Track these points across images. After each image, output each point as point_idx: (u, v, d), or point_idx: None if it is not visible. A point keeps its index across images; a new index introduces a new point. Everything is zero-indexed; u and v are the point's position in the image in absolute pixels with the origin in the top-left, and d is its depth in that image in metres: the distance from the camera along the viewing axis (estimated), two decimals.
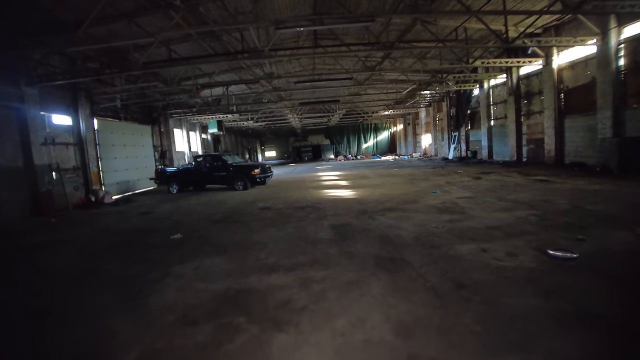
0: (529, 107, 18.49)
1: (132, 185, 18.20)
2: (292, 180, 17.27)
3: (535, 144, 18.06)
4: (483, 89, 22.27)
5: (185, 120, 26.78)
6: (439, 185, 11.14)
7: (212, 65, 17.69)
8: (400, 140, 43.13)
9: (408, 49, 17.71)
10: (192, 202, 11.60)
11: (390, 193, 10.12)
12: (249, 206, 9.67)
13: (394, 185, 12.09)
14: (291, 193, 11.86)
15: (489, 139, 22.13)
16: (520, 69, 18.77)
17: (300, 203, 9.43)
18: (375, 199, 9.19)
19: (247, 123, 32.55)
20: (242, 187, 13.85)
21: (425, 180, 13.02)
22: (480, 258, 4.26)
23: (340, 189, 12.05)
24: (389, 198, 9.19)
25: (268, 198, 11.06)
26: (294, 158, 53.53)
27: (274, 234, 6.12)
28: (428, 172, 16.08)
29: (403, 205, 8.06)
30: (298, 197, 10.62)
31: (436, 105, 30.62)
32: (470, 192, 9.30)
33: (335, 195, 10.51)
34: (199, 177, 14.99)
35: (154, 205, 11.99)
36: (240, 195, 12.29)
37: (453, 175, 13.96)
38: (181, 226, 7.67)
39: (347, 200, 9.34)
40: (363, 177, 16.09)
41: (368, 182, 13.44)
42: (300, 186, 14.01)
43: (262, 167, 14.25)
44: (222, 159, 14.56)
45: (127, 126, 18.58)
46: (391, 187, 11.44)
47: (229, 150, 37.86)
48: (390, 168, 21.14)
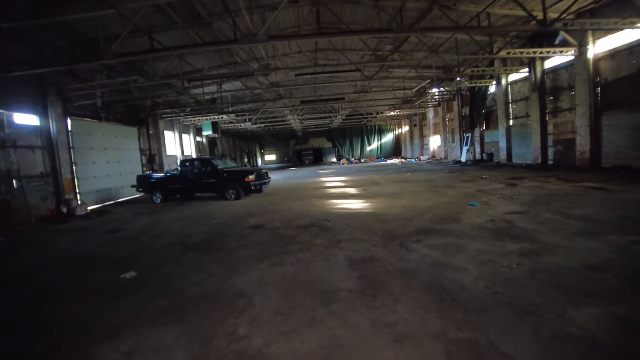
0: (555, 104, 16.57)
1: (115, 193, 16.28)
2: (293, 187, 15.33)
3: (563, 145, 16.14)
4: (500, 85, 20.38)
5: (177, 121, 24.92)
6: (470, 195, 9.19)
7: (203, 59, 15.82)
8: (406, 142, 41.21)
9: (423, 39, 15.91)
10: (173, 216, 9.66)
11: (414, 205, 8.17)
12: (239, 223, 7.73)
13: (415, 194, 10.14)
14: (291, 204, 9.92)
15: (507, 140, 20.22)
16: (545, 62, 16.92)
17: (302, 219, 7.48)
18: (399, 214, 7.25)
19: (245, 125, 30.65)
20: (234, 196, 11.92)
21: (449, 187, 11.08)
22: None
23: (351, 199, 10.10)
24: (417, 213, 7.24)
25: (263, 211, 9.12)
26: (295, 162, 51.71)
27: (264, 277, 4.15)
28: (447, 178, 14.14)
29: (440, 224, 6.11)
30: (300, 211, 8.68)
31: (446, 104, 28.73)
32: (518, 205, 7.36)
33: (346, 208, 8.55)
34: (185, 185, 13.06)
35: (129, 219, 10.06)
36: (231, 207, 10.34)
37: (480, 182, 12.01)
38: (145, 254, 5.74)
39: (363, 216, 7.39)
40: (373, 183, 14.14)
41: (382, 190, 11.50)
42: (302, 195, 12.07)
43: (257, 172, 12.32)
44: (211, 163, 12.63)
45: (109, 127, 16.69)
46: (413, 197, 9.49)
47: (225, 154, 35.97)
48: (401, 172, 19.19)
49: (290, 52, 17.94)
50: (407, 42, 16.89)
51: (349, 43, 17.40)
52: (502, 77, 20.16)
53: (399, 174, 17.78)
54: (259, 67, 13.37)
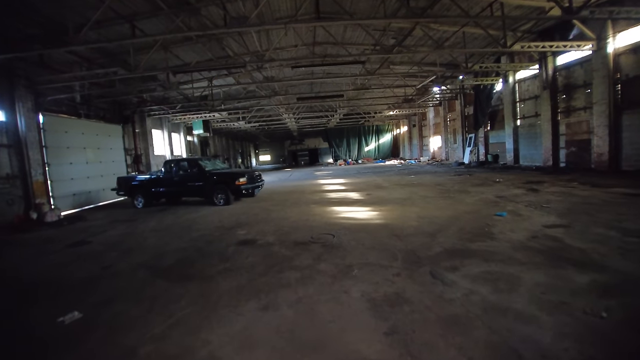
0: (568, 103, 15.56)
1: (95, 196, 14.96)
2: (289, 190, 14.13)
3: (577, 146, 15.14)
4: (507, 83, 19.36)
5: (166, 119, 23.61)
6: (492, 202, 8.07)
7: (192, 52, 14.56)
8: (404, 143, 40.17)
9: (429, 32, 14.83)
10: (151, 226, 8.42)
11: (432, 215, 7.03)
12: (225, 236, 6.52)
13: (427, 200, 9.00)
14: (287, 212, 8.73)
15: (514, 141, 19.20)
16: (557, 58, 15.91)
17: (301, 233, 6.29)
18: (417, 227, 6.09)
19: (238, 124, 29.36)
20: (223, 202, 10.70)
21: (462, 192, 9.96)
22: None
23: (355, 206, 8.93)
24: (438, 225, 6.09)
25: (255, 220, 7.92)
26: (290, 162, 50.53)
27: (251, 329, 2.92)
28: (456, 181, 13.03)
29: (472, 242, 4.96)
30: (297, 220, 7.49)
31: (447, 104, 27.71)
32: (555, 216, 6.24)
33: (352, 218, 7.38)
34: (169, 188, 11.81)
35: (101, 228, 8.80)
36: (219, 214, 9.12)
37: (495, 186, 10.92)
38: (102, 281, 4.52)
39: (374, 229, 6.22)
40: (377, 186, 12.99)
41: (388, 195, 10.34)
42: (299, 200, 10.88)
43: (249, 175, 11.10)
44: (197, 164, 11.38)
45: (89, 125, 15.37)
46: (426, 204, 8.35)
47: (218, 154, 34.66)
48: (404, 175, 18.08)
49: (286, 46, 16.76)
50: (411, 36, 15.80)
51: (349, 36, 16.27)
52: (509, 74, 19.15)
53: (403, 177, 16.66)
54: (252, 58, 12.17)
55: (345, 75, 17.23)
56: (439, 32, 15.90)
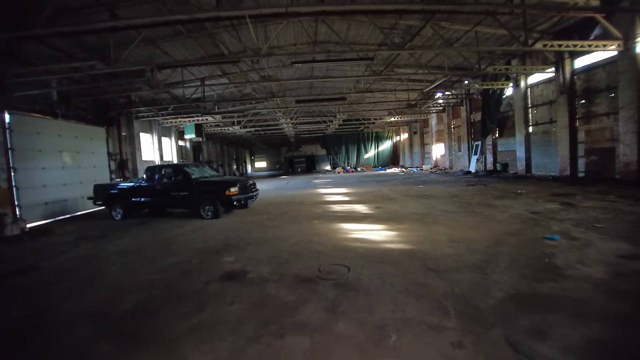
0: (588, 109, 14.43)
1: (72, 205, 13.49)
2: (286, 201, 12.75)
3: (599, 154, 13.98)
4: (519, 88, 18.27)
5: (156, 123, 22.24)
6: (530, 220, 6.77)
7: (182, 49, 13.27)
8: (404, 151, 38.99)
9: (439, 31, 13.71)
10: (121, 245, 7.00)
11: (465, 237, 5.70)
12: (207, 264, 5.14)
13: (450, 216, 7.68)
14: (286, 229, 7.36)
15: (526, 149, 18.04)
16: (575, 61, 14.84)
17: (304, 262, 4.91)
18: (454, 255, 4.76)
19: (233, 129, 28.02)
20: (211, 215, 9.30)
21: (487, 206, 8.66)
22: None
23: (365, 222, 7.58)
24: (481, 254, 4.76)
25: (246, 241, 6.53)
26: (287, 169, 49.21)
27: None
28: (473, 192, 11.74)
29: (538, 281, 3.63)
30: (298, 242, 6.12)
31: (452, 110, 26.61)
32: (624, 242, 4.94)
33: (366, 240, 6.01)
34: (151, 198, 10.41)
35: (64, 246, 7.36)
36: (204, 231, 7.73)
37: (520, 199, 9.64)
38: (19, 343, 3.13)
39: (398, 257, 4.87)
40: (385, 198, 11.66)
41: (402, 209, 9.01)
42: (299, 213, 9.52)
43: (241, 184, 9.73)
44: (183, 171, 9.99)
45: (67, 126, 13.94)
46: (452, 222, 7.02)
47: (212, 161, 33.24)
48: (410, 184, 16.79)
49: (285, 45, 15.57)
50: (420, 35, 14.70)
51: (353, 34, 15.08)
52: (520, 78, 18.06)
53: (410, 186, 15.36)
54: (248, 53, 10.90)
55: (348, 76, 16.00)
56: (450, 31, 14.79)
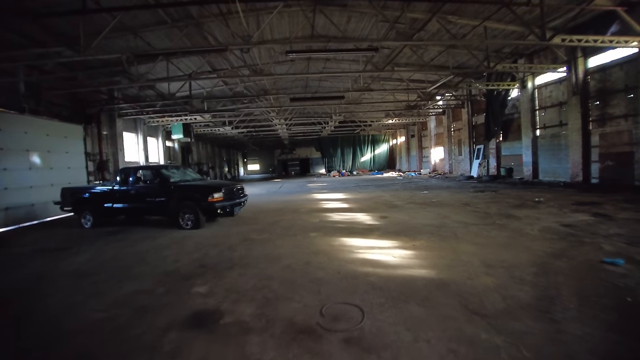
0: (603, 111, 13.49)
1: (41, 210, 12.10)
2: (279, 207, 11.52)
3: (615, 160, 13.03)
4: (525, 89, 17.33)
5: (141, 121, 20.89)
6: (570, 236, 5.66)
7: (166, 38, 12.04)
8: (401, 154, 37.99)
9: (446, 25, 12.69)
10: (78, 263, 5.73)
11: (501, 260, 4.55)
12: (170, 297, 3.91)
13: (470, 229, 6.54)
14: (277, 245, 6.15)
15: (533, 153, 17.08)
16: (589, 60, 13.92)
17: (300, 296, 3.70)
18: (498, 289, 3.60)
19: (224, 129, 26.72)
20: (190, 224, 8.05)
21: (509, 217, 7.54)
22: None
23: (373, 237, 6.39)
24: (534, 287, 3.60)
25: (227, 261, 5.30)
26: (280, 172, 47.98)
27: None
28: (484, 200, 10.64)
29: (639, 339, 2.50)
30: (293, 264, 4.92)
31: (452, 112, 25.66)
32: None
33: (378, 263, 4.80)
34: (125, 203, 9.11)
35: (11, 263, 6.07)
36: (179, 246, 6.49)
37: (541, 208, 8.55)
38: None
39: (424, 291, 3.67)
40: (388, 205, 10.50)
41: (411, 219, 7.85)
42: (293, 223, 8.31)
43: (227, 189, 8.49)
44: (160, 174, 8.72)
45: (36, 123, 12.58)
46: (474, 237, 5.88)
47: (202, 162, 31.88)
48: (412, 189, 15.67)
49: (279, 39, 14.40)
50: (424, 30, 13.67)
51: (353, 28, 13.95)
52: (528, 79, 17.13)
53: (413, 192, 14.24)
54: (237, 40, 9.73)
55: (346, 71, 14.88)
56: (457, 26, 13.77)
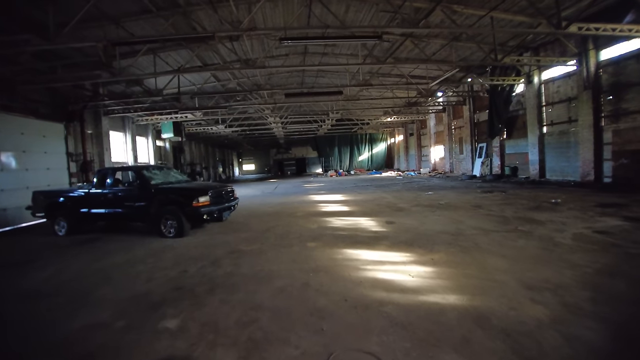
0: (617, 106, 12.75)
1: (13, 216, 11.13)
2: (273, 210, 10.63)
3: (631, 158, 12.30)
4: (531, 84, 16.57)
5: (129, 120, 19.89)
6: (614, 248, 4.84)
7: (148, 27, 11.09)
8: (400, 153, 37.19)
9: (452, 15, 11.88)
10: (36, 283, 4.81)
11: (545, 279, 3.70)
12: (130, 337, 3.01)
13: (492, 238, 5.70)
14: (270, 259, 5.26)
15: (540, 151, 16.32)
16: (601, 52, 13.18)
17: (297, 339, 2.77)
18: (555, 321, 2.77)
19: (217, 128, 25.75)
20: (173, 232, 7.15)
21: (531, 222, 6.71)
22: None
23: (381, 247, 5.51)
24: (603, 323, 2.77)
25: (207, 282, 4.38)
26: (276, 172, 47.09)
27: None
28: (496, 202, 9.81)
29: None
30: (288, 286, 4.01)
31: (452, 109, 24.88)
32: None
33: (394, 285, 3.90)
34: (102, 208, 8.16)
35: None
36: (156, 260, 5.57)
37: (563, 211, 7.74)
38: None
39: (462, 328, 2.78)
40: (392, 207, 9.64)
41: (420, 225, 6.99)
42: (289, 230, 7.43)
43: (215, 191, 7.58)
44: (140, 175, 7.79)
45: (9, 120, 11.62)
46: (500, 248, 5.03)
47: (195, 163, 30.88)
48: (414, 190, 14.84)
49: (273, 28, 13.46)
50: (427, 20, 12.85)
51: (351, 18, 13.05)
52: (534, 74, 16.36)
53: (417, 193, 13.40)
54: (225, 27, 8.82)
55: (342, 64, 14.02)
56: (462, 16, 12.92)
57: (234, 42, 12.47)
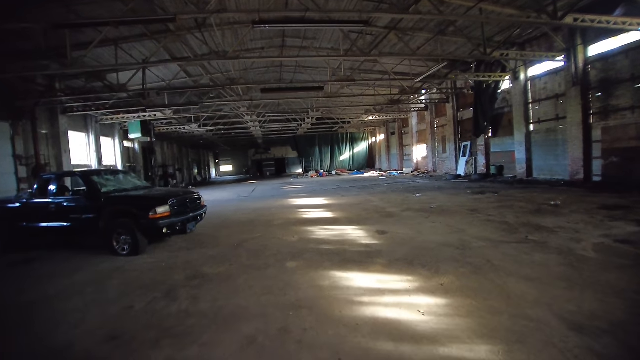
0: (606, 102, 12.39)
1: None
2: (248, 218, 9.53)
3: (621, 156, 11.95)
4: (518, 80, 16.15)
5: (92, 119, 18.26)
6: None
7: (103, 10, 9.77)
8: (381, 153, 36.62)
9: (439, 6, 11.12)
10: None
11: (601, 315, 2.86)
12: None
13: (505, 251, 4.86)
14: (239, 288, 4.20)
15: (527, 149, 15.92)
16: (589, 48, 12.79)
17: None
18: None
19: (191, 127, 24.27)
20: (127, 249, 5.98)
21: (541, 230, 5.95)
22: None
23: (376, 270, 4.55)
24: None
25: (154, 329, 3.30)
26: (255, 173, 45.71)
27: None
28: (492, 205, 9.06)
29: None
30: (260, 334, 2.99)
31: (435, 108, 24.38)
32: None
33: (401, 332, 2.93)
34: (44, 222, 6.87)
35: None
36: (95, 293, 4.41)
37: (568, 214, 7.06)
38: None
39: None
40: (381, 213, 8.74)
41: (417, 235, 6.10)
42: (265, 244, 6.39)
43: (178, 200, 6.45)
44: (89, 181, 6.55)
45: None
46: (525, 269, 4.15)
47: (167, 164, 29.20)
48: (401, 191, 14.05)
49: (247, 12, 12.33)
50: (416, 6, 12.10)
51: (332, 6, 12.07)
52: (520, 70, 15.93)
53: (404, 195, 12.59)
54: (190, 7, 7.67)
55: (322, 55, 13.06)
56: (450, 7, 12.21)
57: (204, 32, 11.30)
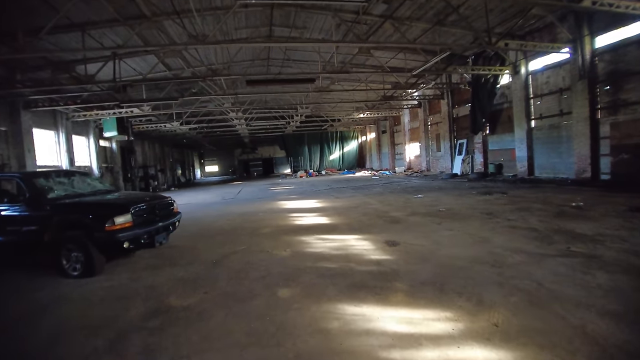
0: (615, 97, 11.67)
1: None
2: (231, 226, 8.30)
3: (632, 152, 11.24)
4: (518, 74, 15.36)
5: (63, 115, 16.72)
6: None
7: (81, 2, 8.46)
8: (372, 151, 35.71)
9: None
10: None
11: None
12: None
13: (554, 269, 3.87)
14: (213, 332, 3.06)
15: (528, 147, 15.16)
16: (596, 39, 12.04)
17: None
18: None
19: (172, 125, 22.82)
20: (80, 268, 4.76)
21: (581, 239, 4.97)
22: None
23: (404, 303, 3.42)
24: None
25: None
26: (241, 174, 44.25)
27: None
28: (507, 207, 8.10)
29: None
30: None
31: (428, 105, 23.53)
32: None
33: None
34: None
35: None
36: (13, 339, 3.25)
37: (596, 219, 6.13)
38: None
39: None
40: (385, 218, 7.68)
41: (438, 248, 5.03)
42: (250, 260, 5.24)
43: (144, 206, 5.22)
44: (30, 184, 5.27)
45: None
46: (600, 297, 3.17)
47: (148, 165, 27.58)
48: (398, 192, 13.06)
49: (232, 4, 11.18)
50: None
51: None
52: (520, 63, 15.16)
53: (404, 196, 11.58)
54: None
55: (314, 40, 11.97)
56: None
57: (183, 19, 10.08)
